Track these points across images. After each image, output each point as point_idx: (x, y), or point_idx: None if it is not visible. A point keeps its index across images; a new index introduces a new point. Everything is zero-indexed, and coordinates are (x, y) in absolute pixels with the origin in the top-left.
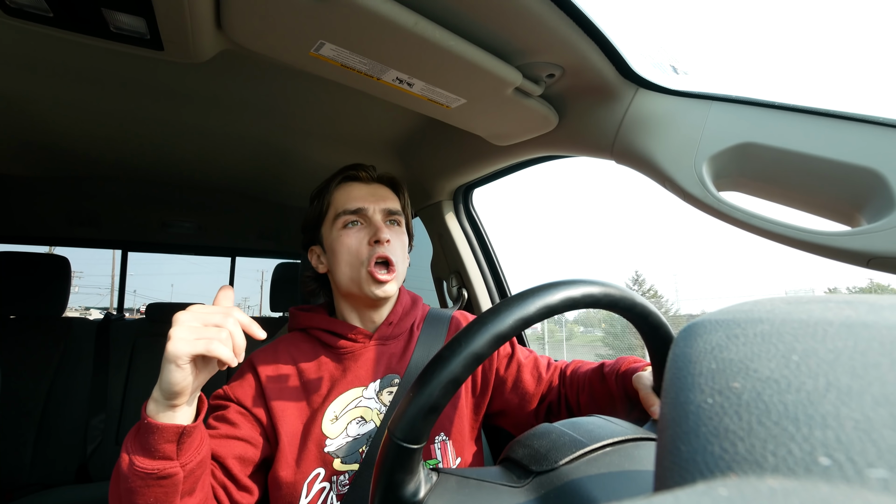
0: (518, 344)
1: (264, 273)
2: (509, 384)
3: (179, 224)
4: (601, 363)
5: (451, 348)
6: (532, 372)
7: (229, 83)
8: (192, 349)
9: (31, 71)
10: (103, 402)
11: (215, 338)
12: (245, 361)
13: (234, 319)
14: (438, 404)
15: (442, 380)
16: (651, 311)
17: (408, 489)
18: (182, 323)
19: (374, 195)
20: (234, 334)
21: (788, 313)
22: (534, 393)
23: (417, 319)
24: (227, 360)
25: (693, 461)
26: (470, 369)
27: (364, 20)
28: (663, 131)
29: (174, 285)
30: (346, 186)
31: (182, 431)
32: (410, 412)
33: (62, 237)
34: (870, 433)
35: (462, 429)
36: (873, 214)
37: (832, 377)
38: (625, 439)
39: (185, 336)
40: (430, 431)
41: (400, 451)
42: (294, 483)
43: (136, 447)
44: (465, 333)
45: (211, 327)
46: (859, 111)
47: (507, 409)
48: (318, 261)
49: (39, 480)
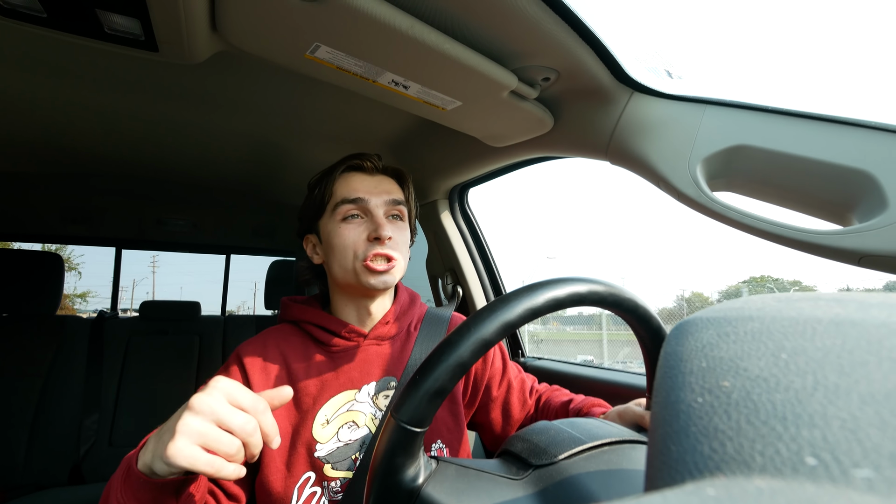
0: (514, 365)
1: (257, 284)
2: (498, 403)
3: (174, 222)
4: (570, 398)
5: (461, 333)
6: (519, 396)
7: (225, 82)
8: (191, 464)
9: (25, 69)
10: (97, 402)
11: (224, 452)
12: (233, 356)
13: (256, 426)
14: (445, 388)
15: (450, 363)
16: (651, 314)
17: (407, 473)
18: (196, 414)
19: (377, 187)
20: (249, 445)
21: (779, 311)
22: (517, 418)
23: (415, 319)
24: (227, 477)
25: (683, 461)
26: (478, 355)
27: (360, 23)
28: (658, 134)
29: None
30: (349, 176)
31: (183, 481)
32: (417, 394)
33: (55, 235)
34: (856, 432)
35: (459, 437)
36: (864, 214)
37: (820, 376)
38: (623, 440)
39: (190, 440)
40: (432, 419)
41: (403, 433)
42: (284, 487)
43: (127, 496)
44: (475, 319)
45: (224, 434)
46: (851, 114)
47: (488, 427)
48: (313, 251)
49: (32, 481)
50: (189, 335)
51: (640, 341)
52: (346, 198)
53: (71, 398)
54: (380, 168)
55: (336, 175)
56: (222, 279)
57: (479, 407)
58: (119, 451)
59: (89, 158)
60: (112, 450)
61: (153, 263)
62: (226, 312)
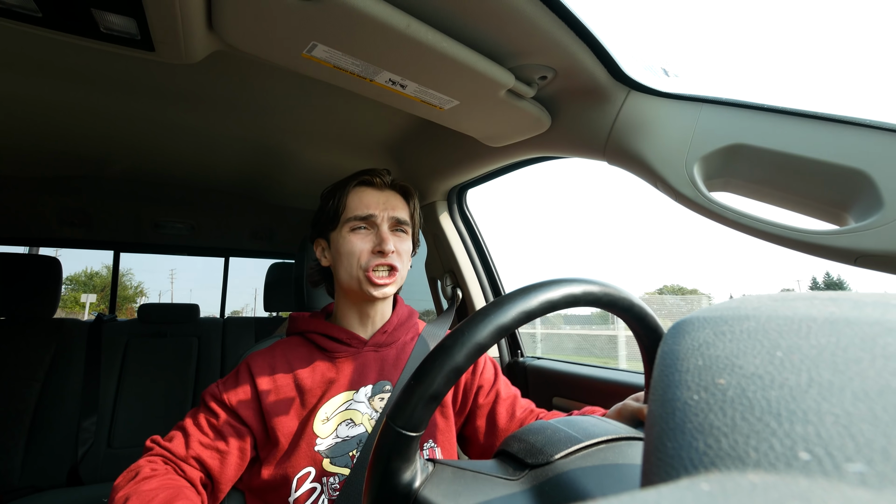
0: (505, 379)
1: (257, 290)
2: (484, 410)
3: (172, 224)
4: (570, 413)
5: (455, 337)
6: (508, 409)
7: (222, 83)
8: None
9: (20, 70)
10: (95, 404)
11: None
12: (242, 364)
13: None
14: (439, 392)
15: (445, 368)
16: (647, 312)
17: (404, 477)
18: None
19: (385, 203)
20: None
21: (774, 310)
22: (503, 429)
23: (412, 334)
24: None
25: (678, 457)
26: (472, 359)
27: (357, 22)
28: (655, 133)
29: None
30: (360, 191)
31: None
32: (412, 399)
33: (52, 238)
34: (849, 428)
35: (450, 438)
36: (860, 214)
37: (814, 373)
38: (619, 437)
39: None
40: (427, 424)
41: (399, 438)
42: (285, 477)
43: None
44: (469, 324)
45: None
46: (847, 113)
47: (473, 437)
48: (321, 254)
49: (30, 483)
50: (188, 337)
51: (637, 339)
52: (358, 215)
53: (69, 400)
54: (388, 184)
55: (349, 189)
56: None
57: (468, 415)
58: (117, 452)
59: (86, 160)
60: (110, 452)
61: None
62: (225, 314)
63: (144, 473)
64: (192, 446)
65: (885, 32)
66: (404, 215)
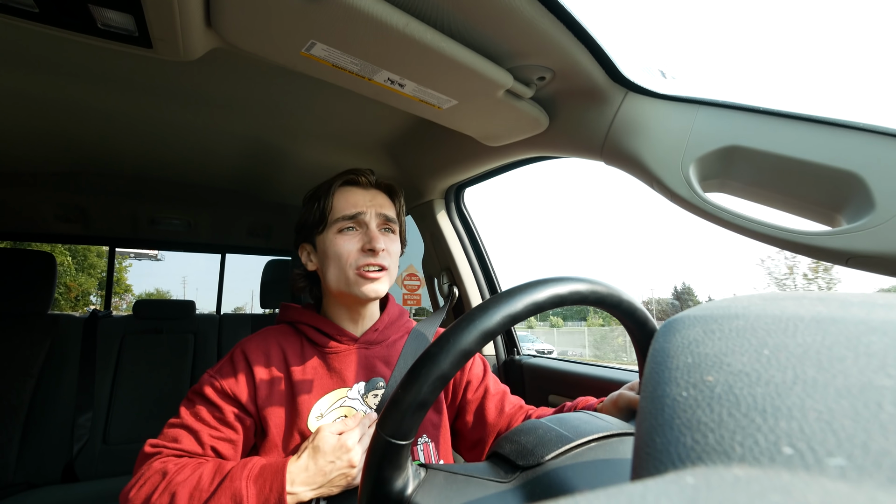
0: (494, 376)
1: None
2: (473, 406)
3: (169, 221)
4: (562, 405)
5: (440, 344)
6: (497, 404)
7: (220, 80)
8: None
9: (17, 66)
10: (90, 400)
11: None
12: (236, 349)
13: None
14: (427, 400)
15: (431, 376)
16: (636, 307)
17: (396, 485)
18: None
19: (372, 201)
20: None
21: (763, 309)
22: (492, 423)
23: (402, 332)
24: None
25: (666, 452)
26: (458, 365)
27: (356, 21)
28: (652, 134)
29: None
30: (346, 191)
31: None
32: (399, 408)
33: (48, 233)
34: (831, 423)
35: (444, 433)
36: (852, 215)
37: (799, 370)
38: (610, 434)
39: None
40: (417, 430)
41: (388, 447)
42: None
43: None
44: (454, 330)
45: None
46: (841, 116)
47: (463, 431)
48: (307, 258)
49: (25, 480)
50: (184, 334)
51: (629, 333)
52: (346, 214)
53: (64, 396)
54: (373, 183)
55: (334, 190)
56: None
57: (457, 410)
58: (112, 449)
59: (83, 156)
60: (106, 448)
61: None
62: (221, 311)
63: (171, 469)
64: (205, 441)
65: (880, 35)
66: (392, 213)
